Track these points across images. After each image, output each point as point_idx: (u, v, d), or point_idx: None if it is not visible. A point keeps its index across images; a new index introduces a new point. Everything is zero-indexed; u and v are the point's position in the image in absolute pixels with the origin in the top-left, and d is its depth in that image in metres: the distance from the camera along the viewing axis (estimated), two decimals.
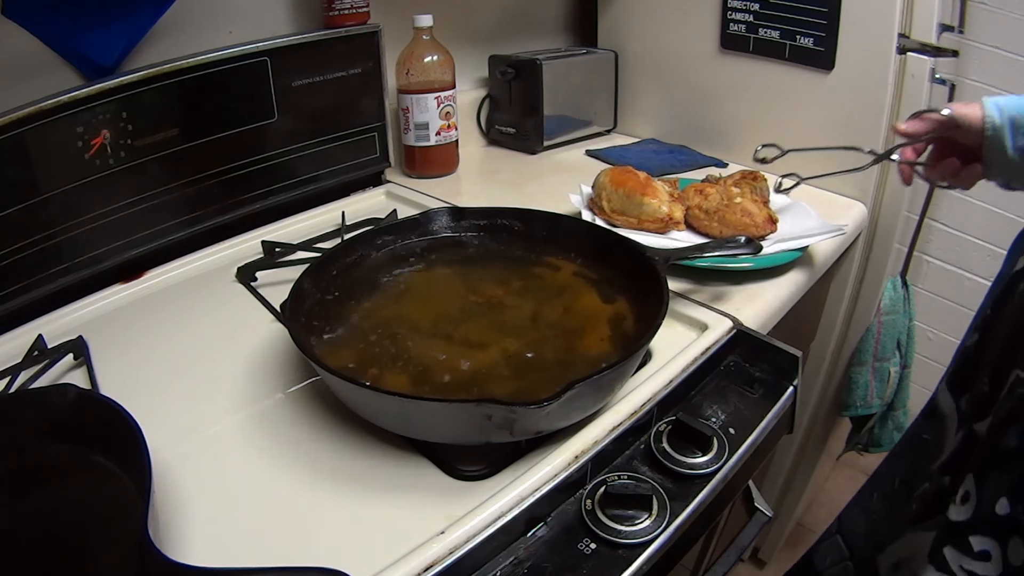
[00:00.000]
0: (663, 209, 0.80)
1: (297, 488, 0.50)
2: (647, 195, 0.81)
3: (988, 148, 0.60)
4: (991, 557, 0.44)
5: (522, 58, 1.15)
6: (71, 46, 0.73)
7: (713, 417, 0.60)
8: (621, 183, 0.83)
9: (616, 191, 0.83)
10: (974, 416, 0.50)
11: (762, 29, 1.02)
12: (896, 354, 1.07)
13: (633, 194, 0.81)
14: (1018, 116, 0.59)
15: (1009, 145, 0.59)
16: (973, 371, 0.53)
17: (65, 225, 0.72)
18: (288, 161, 0.91)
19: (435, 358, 0.57)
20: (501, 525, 0.45)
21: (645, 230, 0.81)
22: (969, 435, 0.50)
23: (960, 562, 0.45)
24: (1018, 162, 0.59)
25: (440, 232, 0.75)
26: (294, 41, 0.86)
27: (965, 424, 0.51)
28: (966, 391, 0.53)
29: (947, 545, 0.46)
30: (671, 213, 0.80)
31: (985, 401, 0.49)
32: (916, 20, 0.90)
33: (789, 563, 0.76)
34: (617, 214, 0.83)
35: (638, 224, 0.81)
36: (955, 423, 0.53)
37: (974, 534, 0.45)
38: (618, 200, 0.83)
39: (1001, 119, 0.59)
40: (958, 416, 0.53)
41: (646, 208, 0.80)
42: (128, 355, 0.66)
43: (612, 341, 0.59)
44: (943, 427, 0.54)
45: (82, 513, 0.46)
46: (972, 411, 0.51)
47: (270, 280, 0.78)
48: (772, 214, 0.83)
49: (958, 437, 0.51)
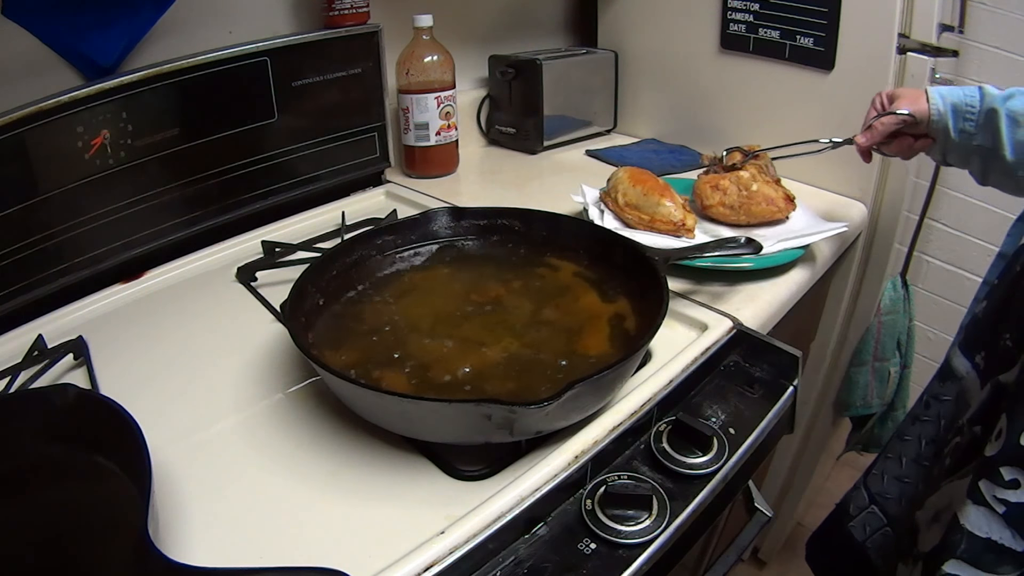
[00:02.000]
0: (677, 215, 0.81)
1: (297, 488, 0.50)
2: (665, 197, 0.82)
3: (933, 131, 0.70)
4: (1020, 484, 0.49)
5: (522, 58, 1.15)
6: (71, 46, 0.73)
7: (713, 417, 0.59)
8: (640, 181, 0.84)
9: (633, 188, 0.84)
10: (998, 369, 0.54)
11: (762, 29, 1.02)
12: (896, 354, 1.07)
13: (651, 193, 0.82)
14: (958, 102, 0.68)
15: (951, 128, 0.69)
16: (988, 332, 0.58)
17: (65, 225, 0.72)
18: (288, 161, 0.91)
19: (435, 358, 0.57)
20: (501, 525, 0.45)
21: (655, 230, 0.81)
22: (997, 386, 0.54)
23: (993, 492, 0.50)
24: (957, 142, 0.69)
25: (440, 232, 0.75)
26: (294, 41, 0.86)
27: (990, 377, 0.55)
28: (981, 350, 0.58)
29: (982, 479, 0.51)
30: (684, 220, 0.80)
31: (1008, 355, 0.54)
32: (916, 20, 0.90)
33: (789, 563, 0.76)
34: (631, 209, 0.83)
35: (650, 222, 0.81)
36: (976, 379, 0.58)
37: (1004, 465, 0.50)
38: (634, 196, 0.83)
39: (944, 106, 0.69)
40: (978, 373, 0.58)
41: (661, 209, 0.81)
42: (128, 355, 0.66)
43: (612, 341, 0.59)
44: (963, 386, 0.59)
45: (82, 513, 0.46)
46: (995, 365, 0.55)
47: (270, 280, 0.78)
48: (788, 192, 0.85)
49: (986, 390, 0.55)
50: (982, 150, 0.68)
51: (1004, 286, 0.59)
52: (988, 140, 0.67)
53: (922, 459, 0.61)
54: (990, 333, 0.57)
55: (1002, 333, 0.55)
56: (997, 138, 0.66)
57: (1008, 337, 0.54)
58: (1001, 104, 0.66)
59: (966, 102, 0.68)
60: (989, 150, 0.67)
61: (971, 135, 0.68)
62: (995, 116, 0.66)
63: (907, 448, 0.63)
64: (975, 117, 0.67)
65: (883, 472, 0.65)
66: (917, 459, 0.62)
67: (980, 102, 0.67)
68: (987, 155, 0.68)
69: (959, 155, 0.71)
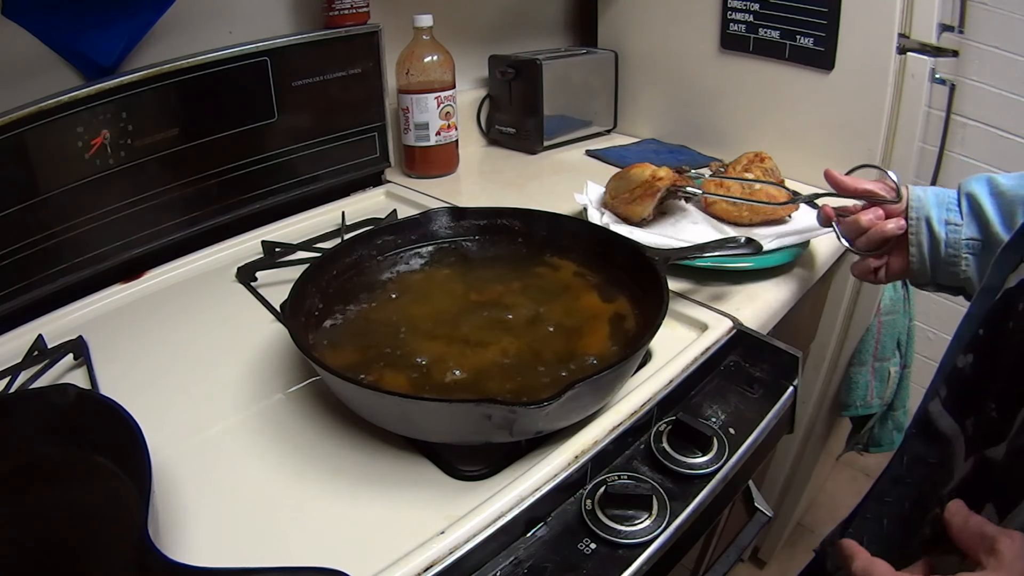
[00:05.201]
0: (646, 172, 0.81)
1: (297, 488, 0.50)
2: (635, 168, 0.82)
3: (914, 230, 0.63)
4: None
5: (522, 58, 1.15)
6: (71, 46, 0.73)
7: (713, 417, 0.59)
8: (622, 174, 0.85)
9: (616, 181, 0.85)
10: (984, 442, 0.49)
11: (762, 29, 1.02)
12: (896, 354, 1.07)
13: (626, 174, 0.83)
14: (938, 192, 0.63)
15: (935, 219, 0.62)
16: (974, 394, 0.52)
17: (65, 225, 0.72)
18: (288, 161, 0.91)
19: (435, 358, 0.57)
20: (501, 525, 0.45)
21: (636, 200, 0.81)
22: (981, 461, 0.49)
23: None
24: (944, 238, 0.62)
25: (440, 232, 0.75)
26: (294, 41, 0.86)
27: (975, 449, 0.50)
28: (969, 414, 0.52)
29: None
30: (655, 172, 0.81)
31: (994, 426, 0.48)
32: (916, 20, 0.90)
33: (789, 563, 0.75)
34: (614, 198, 0.84)
35: (629, 198, 0.82)
36: (962, 447, 0.52)
37: None
38: (614, 186, 0.85)
39: (924, 193, 0.63)
40: (965, 440, 0.52)
41: (633, 179, 0.82)
42: (128, 355, 0.66)
43: (612, 341, 0.59)
44: (949, 450, 0.53)
45: (82, 513, 0.46)
46: (981, 435, 0.50)
47: (270, 280, 0.78)
48: (792, 192, 0.84)
49: (968, 463, 0.50)
50: (974, 245, 0.62)
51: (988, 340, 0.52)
52: (977, 228, 0.61)
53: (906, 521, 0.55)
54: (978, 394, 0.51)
55: (988, 401, 0.49)
56: (983, 218, 0.61)
57: (994, 408, 0.49)
58: (974, 185, 0.61)
59: (944, 192, 0.63)
60: (980, 243, 0.61)
61: (958, 226, 0.62)
62: (974, 198, 0.61)
63: (889, 509, 0.59)
64: (956, 207, 0.62)
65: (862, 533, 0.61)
66: (901, 522, 0.55)
67: (957, 191, 0.63)
68: (980, 251, 0.62)
69: (946, 260, 0.63)
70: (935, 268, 0.64)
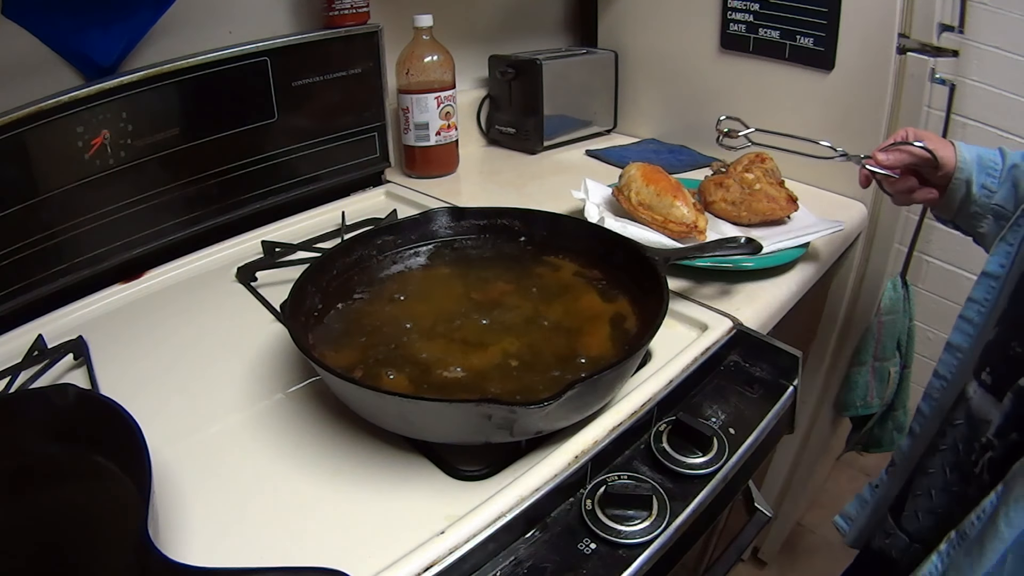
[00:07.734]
0: (690, 216, 0.80)
1: (297, 488, 0.50)
2: (678, 199, 0.81)
3: (954, 183, 0.68)
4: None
5: (522, 58, 1.15)
6: (71, 46, 0.73)
7: (713, 417, 0.59)
8: (653, 180, 0.83)
9: (647, 187, 0.83)
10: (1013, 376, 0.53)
11: (762, 29, 1.02)
12: (896, 354, 1.07)
13: (664, 194, 0.81)
14: (983, 155, 0.67)
15: (975, 181, 0.66)
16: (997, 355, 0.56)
17: (65, 225, 0.72)
18: (288, 161, 0.91)
19: (435, 358, 0.57)
20: (501, 525, 0.45)
21: (667, 230, 0.80)
22: (1018, 392, 0.52)
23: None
24: (977, 198, 0.67)
25: (440, 232, 0.75)
26: (294, 41, 0.86)
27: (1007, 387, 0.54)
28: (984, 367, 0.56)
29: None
30: (696, 222, 0.80)
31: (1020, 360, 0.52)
32: (916, 20, 0.90)
33: (789, 563, 0.75)
34: (644, 208, 0.82)
35: (662, 223, 0.81)
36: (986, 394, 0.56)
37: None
38: (647, 196, 0.82)
39: (971, 156, 0.67)
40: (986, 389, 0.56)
41: (674, 211, 0.80)
42: (128, 355, 0.66)
43: (612, 341, 0.59)
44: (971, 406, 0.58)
45: (82, 513, 0.46)
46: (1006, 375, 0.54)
47: (270, 280, 0.78)
48: (791, 193, 0.85)
49: (1007, 400, 0.53)
50: (998, 211, 0.66)
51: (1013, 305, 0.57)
52: (1007, 198, 0.65)
53: (950, 486, 0.59)
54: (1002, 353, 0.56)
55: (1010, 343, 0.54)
56: (1017, 194, 0.64)
57: (1016, 344, 0.53)
58: (1021, 159, 0.65)
59: (990, 156, 0.67)
60: (1004, 211, 0.66)
61: (992, 192, 0.66)
62: (1017, 171, 0.65)
63: (934, 480, 0.61)
64: (998, 173, 0.66)
65: (915, 510, 0.63)
66: (945, 488, 0.60)
67: (1002, 159, 0.66)
68: (1002, 216, 0.66)
69: (971, 214, 0.68)
70: (959, 214, 0.70)
